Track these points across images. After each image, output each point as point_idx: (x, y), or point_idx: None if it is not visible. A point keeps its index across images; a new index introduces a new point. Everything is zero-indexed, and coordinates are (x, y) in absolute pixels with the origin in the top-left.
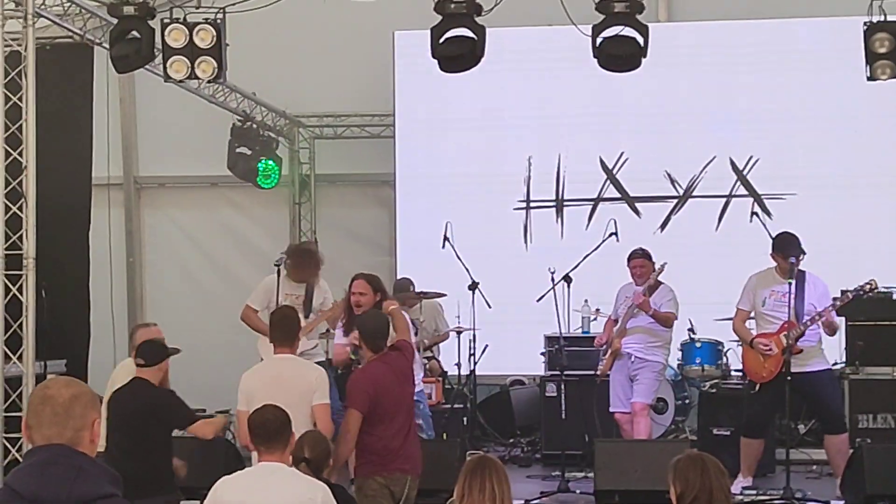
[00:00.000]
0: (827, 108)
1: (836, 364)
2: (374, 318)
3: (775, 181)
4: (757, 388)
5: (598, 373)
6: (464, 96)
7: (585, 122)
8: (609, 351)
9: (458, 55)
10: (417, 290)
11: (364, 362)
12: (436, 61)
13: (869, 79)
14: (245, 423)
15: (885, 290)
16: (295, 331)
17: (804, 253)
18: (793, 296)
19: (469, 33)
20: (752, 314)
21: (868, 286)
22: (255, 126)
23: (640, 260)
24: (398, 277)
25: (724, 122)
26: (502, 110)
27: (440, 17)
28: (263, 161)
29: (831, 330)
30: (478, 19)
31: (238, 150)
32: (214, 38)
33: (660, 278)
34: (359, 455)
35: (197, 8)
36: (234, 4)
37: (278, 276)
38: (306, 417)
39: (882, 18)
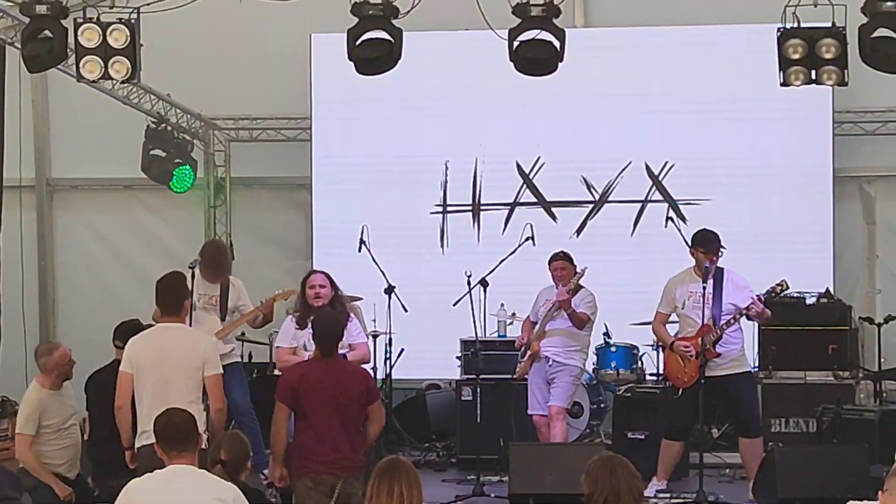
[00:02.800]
0: (741, 115)
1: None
2: (331, 319)
3: (690, 187)
4: (680, 393)
5: (516, 375)
6: (380, 99)
7: (502, 126)
8: (527, 353)
9: (374, 57)
10: None
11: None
12: (352, 64)
13: (782, 84)
14: (126, 383)
15: (798, 295)
16: (181, 298)
17: (723, 248)
18: (710, 296)
19: (386, 36)
20: (674, 315)
21: (779, 287)
22: (169, 128)
23: (562, 262)
24: None
25: (640, 127)
26: (419, 114)
27: (357, 20)
28: (179, 169)
29: (762, 320)
30: (395, 22)
31: (152, 152)
32: (128, 39)
33: (580, 282)
34: (292, 455)
35: (111, 7)
36: (148, 4)
37: (192, 278)
38: (197, 389)
39: (795, 25)
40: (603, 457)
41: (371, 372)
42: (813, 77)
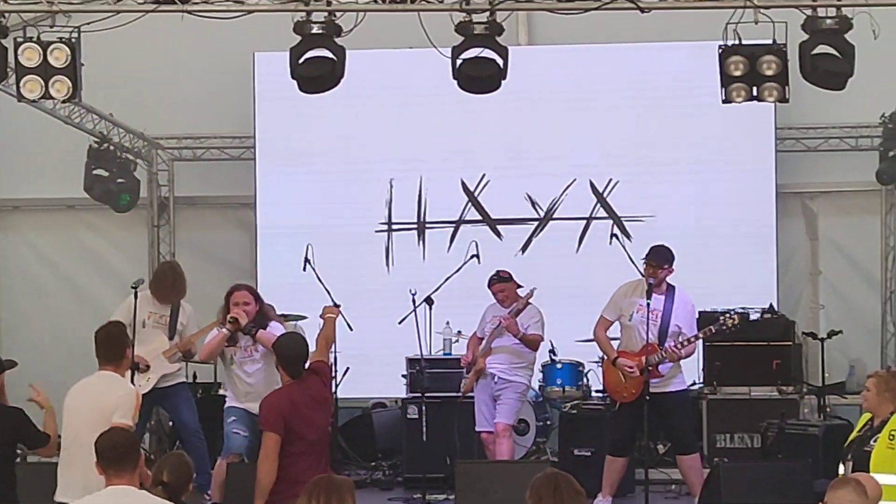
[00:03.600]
0: (684, 132)
1: (693, 384)
2: (294, 341)
3: (634, 203)
4: (617, 406)
5: (461, 391)
6: (325, 118)
7: (447, 144)
8: (473, 370)
9: (317, 76)
10: (279, 313)
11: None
12: (295, 82)
13: (724, 101)
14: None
15: (742, 311)
16: (117, 349)
17: (671, 267)
18: (659, 313)
19: (329, 54)
20: (617, 322)
21: (731, 321)
22: (112, 147)
23: (499, 286)
24: None
25: (585, 144)
26: (364, 132)
27: (300, 38)
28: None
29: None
30: (338, 40)
31: (95, 171)
32: (69, 58)
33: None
34: (282, 485)
35: (51, 27)
36: (89, 23)
37: (135, 298)
38: None
39: (737, 42)
40: (547, 473)
41: None
42: (754, 94)
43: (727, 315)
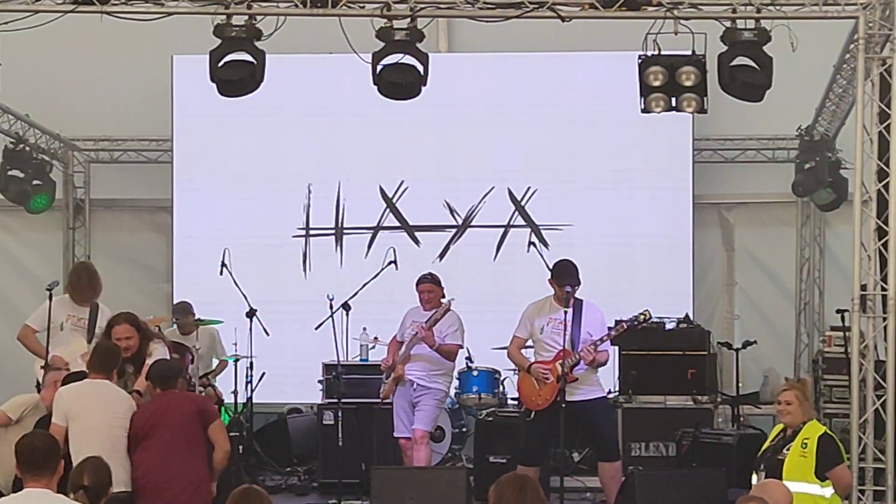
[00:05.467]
0: (602, 141)
1: (609, 393)
2: (168, 368)
3: (552, 212)
4: (532, 415)
5: (381, 396)
6: (243, 122)
7: (365, 150)
8: (392, 376)
9: (237, 79)
10: (196, 317)
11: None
12: (215, 85)
13: (643, 111)
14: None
15: (658, 321)
16: (114, 362)
17: (580, 283)
18: (569, 323)
19: (249, 58)
20: (530, 342)
21: (642, 316)
22: (28, 149)
23: (429, 286)
24: (178, 301)
25: (503, 152)
26: (282, 137)
27: (219, 41)
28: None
29: (595, 366)
30: (258, 44)
31: (10, 172)
32: None
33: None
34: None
35: None
36: (6, 23)
37: (50, 300)
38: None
39: (656, 52)
40: (516, 474)
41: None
42: (673, 104)
43: (640, 313)
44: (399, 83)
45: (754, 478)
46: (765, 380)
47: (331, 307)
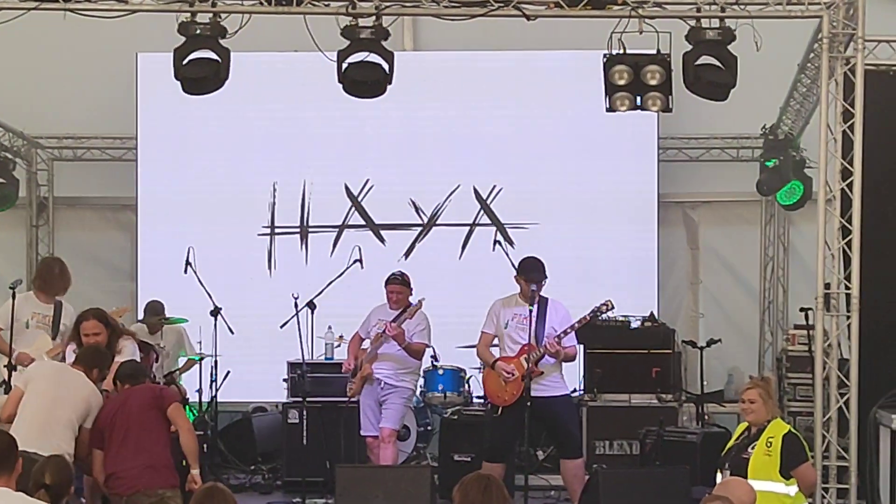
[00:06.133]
0: (568, 140)
1: (574, 391)
2: (136, 368)
3: (518, 210)
4: (499, 412)
5: (348, 395)
6: (208, 120)
7: (331, 148)
8: (359, 375)
9: (201, 77)
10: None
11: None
12: (179, 83)
13: (608, 110)
14: (14, 400)
15: (623, 319)
16: (101, 362)
17: (546, 278)
18: (534, 319)
19: (213, 56)
20: (497, 338)
21: (605, 306)
22: None
23: (398, 286)
24: (150, 300)
25: (469, 151)
26: (247, 135)
27: (184, 39)
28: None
29: (563, 359)
30: (222, 42)
31: None
32: None
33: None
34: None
35: None
36: None
37: (13, 298)
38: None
39: (621, 51)
40: (480, 474)
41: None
42: (638, 103)
43: (602, 303)
44: (364, 81)
45: (719, 476)
46: (729, 378)
47: (296, 306)
